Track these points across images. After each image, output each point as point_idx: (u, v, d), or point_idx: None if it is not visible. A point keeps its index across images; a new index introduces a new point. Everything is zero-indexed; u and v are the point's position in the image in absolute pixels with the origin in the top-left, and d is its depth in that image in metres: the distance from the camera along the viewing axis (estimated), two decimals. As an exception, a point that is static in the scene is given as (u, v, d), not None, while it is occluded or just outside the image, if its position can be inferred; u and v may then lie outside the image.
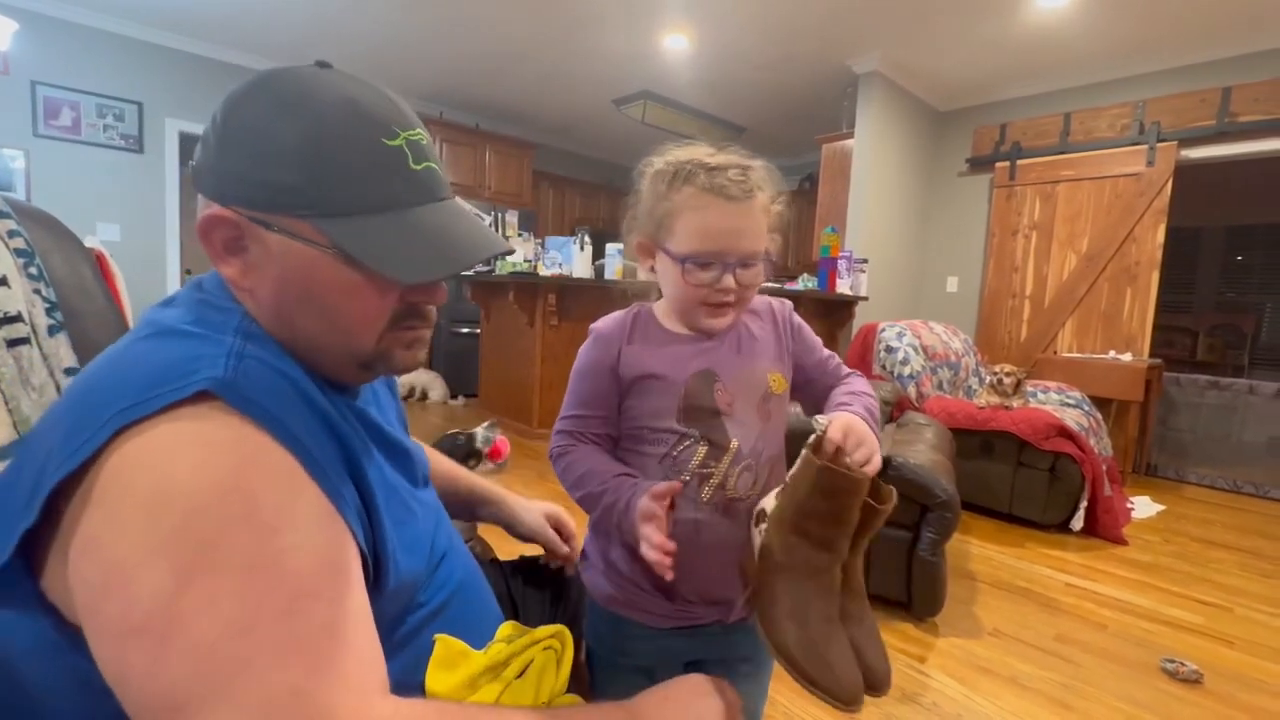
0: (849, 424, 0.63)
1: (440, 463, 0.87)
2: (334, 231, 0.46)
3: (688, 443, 0.70)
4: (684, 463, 0.70)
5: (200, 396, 0.41)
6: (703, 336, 0.73)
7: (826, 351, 0.80)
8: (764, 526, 0.65)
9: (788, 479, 0.63)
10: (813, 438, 0.62)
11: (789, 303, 0.79)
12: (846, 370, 0.80)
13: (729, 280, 0.67)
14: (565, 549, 0.88)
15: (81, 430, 0.40)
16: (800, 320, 0.79)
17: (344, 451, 0.49)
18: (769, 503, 0.65)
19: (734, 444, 0.70)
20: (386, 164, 0.48)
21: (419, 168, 0.49)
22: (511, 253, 0.50)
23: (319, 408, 0.48)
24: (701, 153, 0.68)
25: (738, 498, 0.70)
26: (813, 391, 0.78)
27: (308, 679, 0.39)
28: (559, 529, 0.89)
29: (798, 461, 0.62)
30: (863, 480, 0.59)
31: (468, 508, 0.88)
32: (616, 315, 0.77)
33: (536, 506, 0.89)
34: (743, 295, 0.69)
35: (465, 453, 1.45)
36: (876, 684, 0.61)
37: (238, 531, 0.39)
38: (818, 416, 0.64)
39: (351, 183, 0.47)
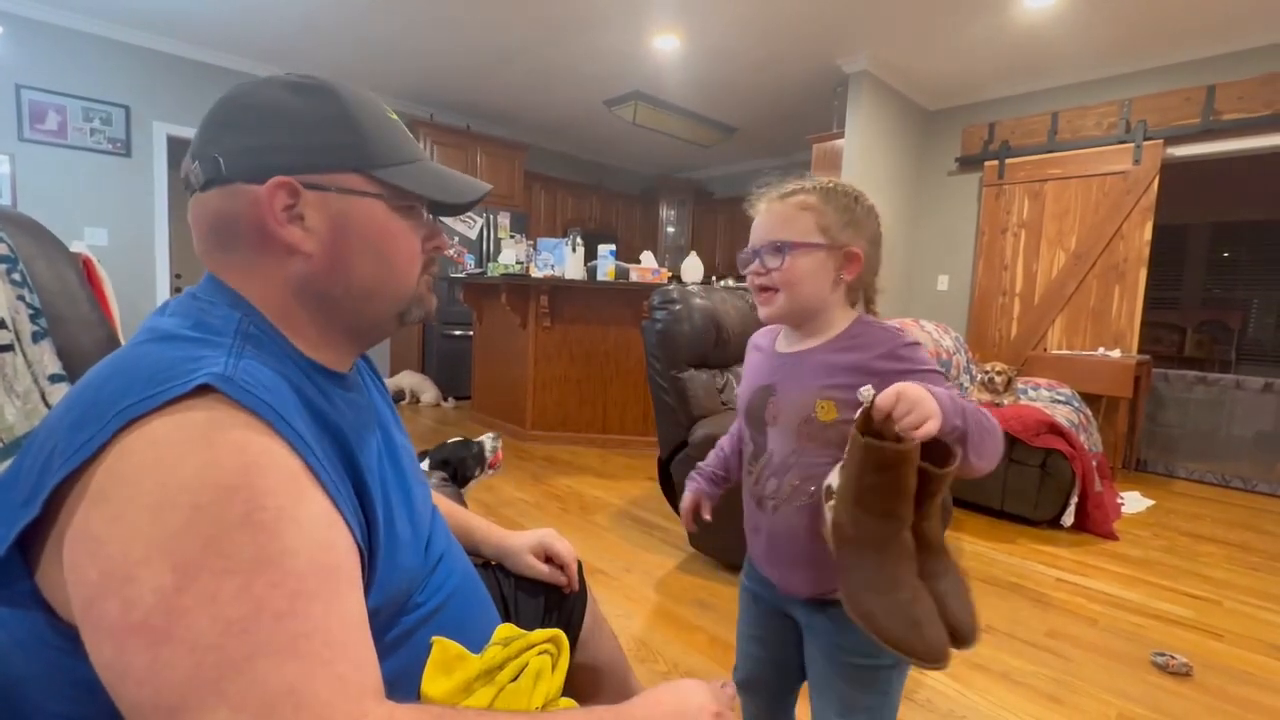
0: (901, 390, 0.60)
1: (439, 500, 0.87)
2: (385, 177, 0.53)
3: (748, 439, 0.86)
4: (747, 453, 0.87)
5: (202, 391, 0.42)
6: (791, 352, 0.83)
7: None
8: (832, 502, 0.67)
9: (845, 456, 0.65)
10: (860, 411, 0.62)
11: (899, 339, 0.76)
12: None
13: (754, 267, 0.79)
14: (562, 579, 0.87)
15: (85, 428, 0.40)
16: (905, 358, 0.74)
17: (341, 449, 0.50)
18: (834, 478, 0.67)
19: (769, 452, 0.82)
20: (396, 129, 0.57)
21: (411, 136, 0.59)
22: (489, 189, 0.59)
23: (316, 406, 0.49)
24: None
25: (764, 495, 0.83)
26: None
27: (304, 680, 0.39)
28: (551, 557, 0.88)
29: (850, 440, 0.63)
30: (908, 452, 0.59)
31: (467, 546, 0.88)
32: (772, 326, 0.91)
33: (526, 543, 0.87)
34: (774, 281, 0.77)
35: (476, 460, 1.50)
36: (962, 638, 0.62)
37: (240, 532, 0.40)
38: (861, 389, 0.63)
39: (385, 140, 0.54)
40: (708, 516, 0.98)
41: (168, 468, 0.40)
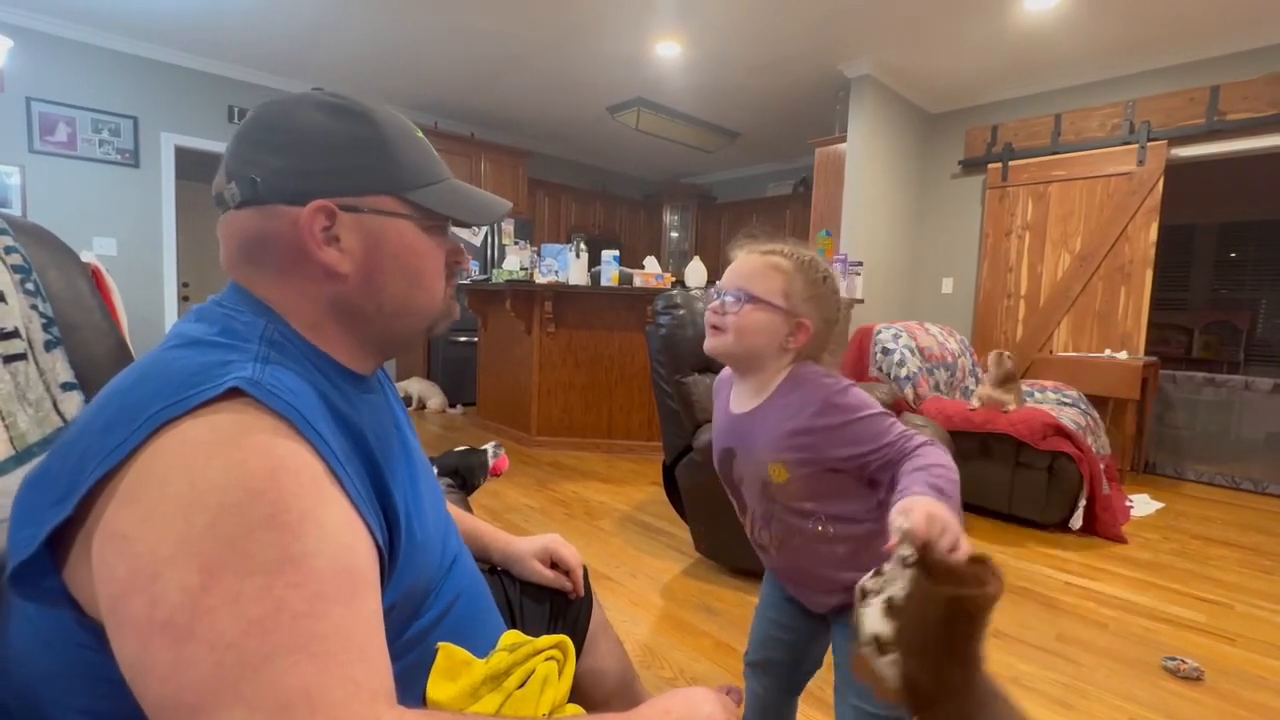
0: (927, 510, 0.59)
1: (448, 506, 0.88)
2: (416, 199, 0.56)
3: (730, 493, 0.91)
4: (736, 505, 0.91)
5: (231, 394, 0.43)
6: (741, 415, 0.86)
7: (876, 443, 0.76)
8: (890, 658, 0.57)
9: (901, 599, 0.57)
10: (908, 550, 0.57)
11: (835, 388, 0.78)
12: (913, 445, 0.75)
13: (714, 305, 0.83)
14: (567, 584, 0.87)
15: (117, 430, 0.42)
16: (840, 407, 0.77)
17: (364, 452, 0.51)
18: (874, 620, 0.58)
19: (750, 509, 0.87)
20: (424, 149, 0.59)
21: (437, 154, 0.61)
22: (510, 208, 0.65)
23: (339, 410, 0.51)
24: None
25: (762, 543, 0.88)
26: (874, 477, 0.77)
27: (319, 682, 0.40)
28: (556, 563, 0.88)
29: (907, 584, 0.57)
30: (996, 595, 0.55)
31: (474, 551, 0.89)
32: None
33: (531, 548, 0.88)
34: (727, 324, 0.81)
35: (482, 469, 1.52)
36: None
37: (265, 533, 0.40)
38: (893, 517, 0.60)
39: (414, 163, 0.56)
40: None
41: (197, 469, 0.41)
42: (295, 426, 0.45)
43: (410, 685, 0.54)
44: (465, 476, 1.48)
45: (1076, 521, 2.50)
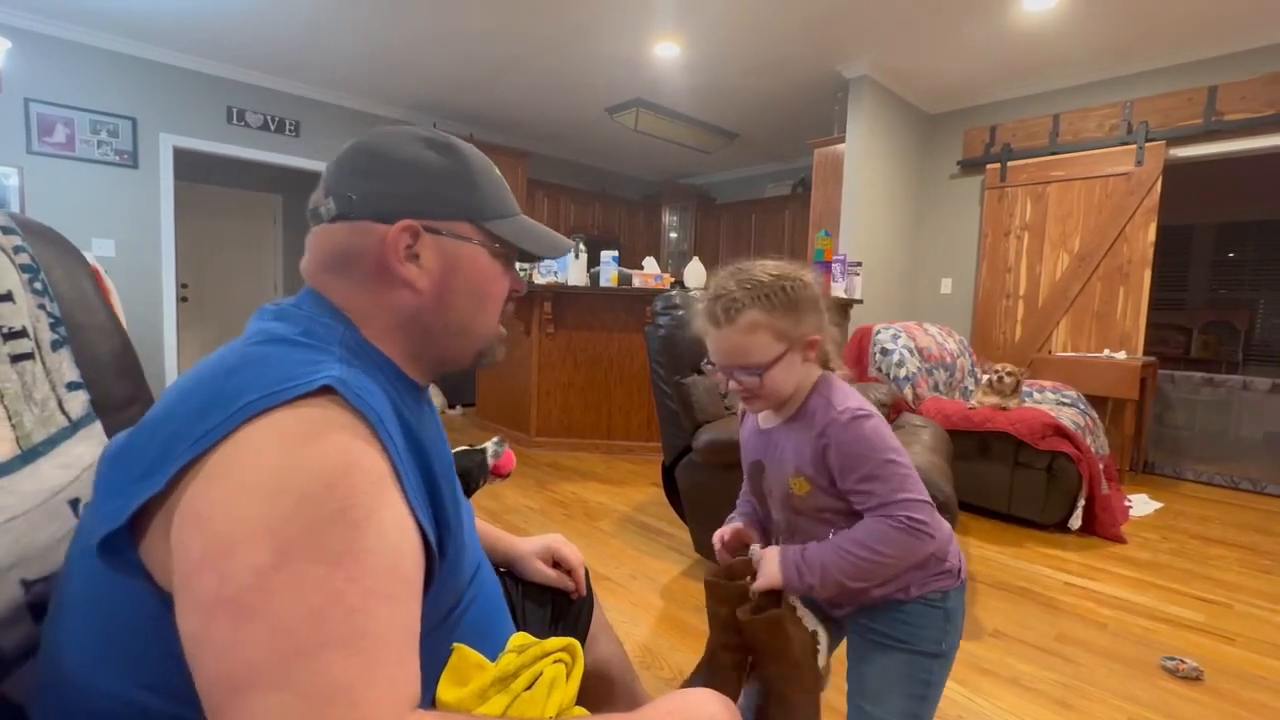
0: (765, 554, 0.84)
1: None
2: (491, 228, 0.61)
3: (758, 505, 0.96)
4: (763, 515, 0.96)
5: (322, 391, 0.46)
6: (769, 429, 0.89)
7: (855, 486, 0.78)
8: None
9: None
10: (738, 559, 0.86)
11: (842, 418, 0.80)
12: (885, 511, 0.77)
13: (731, 384, 0.83)
14: (569, 584, 0.89)
15: (211, 415, 0.44)
16: (847, 439, 0.78)
17: (422, 459, 0.54)
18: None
19: (775, 519, 0.91)
20: (501, 185, 0.64)
21: (510, 191, 0.66)
22: (572, 246, 0.74)
23: (404, 417, 0.53)
24: (714, 282, 0.84)
25: None
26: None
27: (361, 678, 0.41)
28: (559, 562, 0.89)
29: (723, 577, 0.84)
30: (716, 585, 0.80)
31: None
32: None
33: (534, 548, 0.89)
34: (756, 392, 0.82)
35: (479, 467, 1.50)
36: None
37: (334, 524, 0.42)
38: (753, 547, 0.87)
39: (493, 196, 0.62)
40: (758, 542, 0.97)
41: (283, 458, 0.43)
42: (372, 427, 0.47)
43: (425, 683, 0.55)
44: (461, 478, 1.47)
45: (1075, 521, 2.50)
